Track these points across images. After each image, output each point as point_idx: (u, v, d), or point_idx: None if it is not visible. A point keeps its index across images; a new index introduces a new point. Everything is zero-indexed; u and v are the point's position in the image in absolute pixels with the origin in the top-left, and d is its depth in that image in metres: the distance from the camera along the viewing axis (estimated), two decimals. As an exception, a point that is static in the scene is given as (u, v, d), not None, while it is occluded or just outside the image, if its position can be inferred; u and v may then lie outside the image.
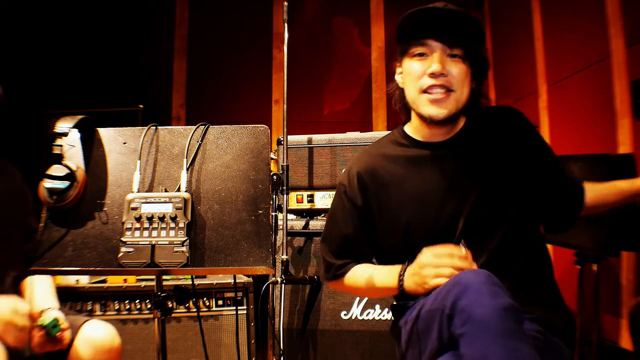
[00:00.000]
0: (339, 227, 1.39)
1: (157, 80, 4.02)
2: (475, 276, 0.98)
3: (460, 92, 1.23)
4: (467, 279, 0.97)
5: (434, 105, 1.23)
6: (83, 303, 2.07)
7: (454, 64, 1.21)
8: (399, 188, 1.31)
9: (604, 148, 2.44)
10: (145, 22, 4.02)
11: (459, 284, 0.97)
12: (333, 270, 1.40)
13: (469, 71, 1.23)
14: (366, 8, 4.17)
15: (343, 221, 1.38)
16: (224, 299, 2.15)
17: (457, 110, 1.24)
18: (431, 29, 1.22)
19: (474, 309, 0.91)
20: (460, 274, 1.02)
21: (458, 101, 1.23)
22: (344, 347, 1.89)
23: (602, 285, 2.15)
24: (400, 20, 1.24)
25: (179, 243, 1.19)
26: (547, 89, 3.08)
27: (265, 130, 1.35)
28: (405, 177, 1.32)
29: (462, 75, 1.22)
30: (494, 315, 0.90)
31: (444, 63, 1.20)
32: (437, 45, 1.21)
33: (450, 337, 0.97)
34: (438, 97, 1.22)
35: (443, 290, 1.02)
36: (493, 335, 0.88)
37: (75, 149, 1.32)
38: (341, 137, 2.05)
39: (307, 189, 2.05)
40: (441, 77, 1.20)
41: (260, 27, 4.11)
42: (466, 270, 1.05)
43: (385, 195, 1.33)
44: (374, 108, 4.10)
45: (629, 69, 2.33)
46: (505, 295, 0.94)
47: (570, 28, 2.82)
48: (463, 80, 1.22)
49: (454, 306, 0.95)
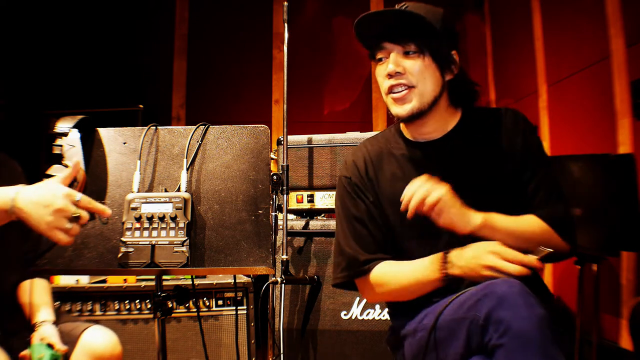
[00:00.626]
0: (352, 215, 1.34)
1: (157, 80, 4.02)
2: (510, 287, 0.98)
3: (422, 86, 1.24)
4: (502, 290, 0.98)
5: (397, 104, 1.26)
6: (83, 303, 2.07)
7: (410, 60, 1.24)
8: (390, 185, 1.32)
9: (604, 148, 2.44)
10: (145, 22, 4.02)
11: (493, 295, 0.98)
12: (357, 265, 1.30)
13: (430, 64, 1.24)
14: (366, 8, 4.17)
15: (354, 207, 1.34)
16: (224, 299, 2.15)
17: (423, 105, 1.25)
18: (381, 32, 1.26)
19: (512, 321, 0.93)
20: (492, 284, 1.01)
21: (422, 95, 1.24)
22: (344, 347, 1.89)
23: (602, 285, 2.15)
24: (354, 29, 1.27)
25: (179, 243, 1.19)
26: (547, 89, 3.08)
27: (265, 130, 1.35)
28: (395, 175, 1.33)
29: (421, 69, 1.23)
30: (532, 327, 0.92)
31: (399, 62, 1.24)
32: (392, 46, 1.25)
33: (480, 345, 0.98)
34: (399, 95, 1.25)
35: (470, 300, 1.02)
36: (533, 348, 0.91)
37: (75, 149, 1.32)
38: (341, 137, 2.05)
39: (307, 189, 2.05)
40: (398, 76, 1.24)
41: (260, 27, 4.11)
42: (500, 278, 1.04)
43: (378, 190, 1.34)
44: (374, 108, 4.10)
45: (629, 69, 2.33)
46: (539, 305, 0.95)
47: (570, 28, 2.82)
48: (422, 73, 1.23)
49: (488, 317, 0.96)
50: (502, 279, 1.03)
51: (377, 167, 1.36)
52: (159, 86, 4.02)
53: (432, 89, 1.25)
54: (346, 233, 1.34)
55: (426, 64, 1.24)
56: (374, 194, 1.34)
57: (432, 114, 1.29)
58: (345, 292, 1.90)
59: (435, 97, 1.26)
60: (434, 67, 1.25)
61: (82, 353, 1.43)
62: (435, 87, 1.26)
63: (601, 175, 2.04)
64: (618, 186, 1.98)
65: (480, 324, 0.97)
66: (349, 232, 1.34)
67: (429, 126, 1.31)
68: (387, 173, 1.34)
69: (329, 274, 1.93)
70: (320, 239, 1.97)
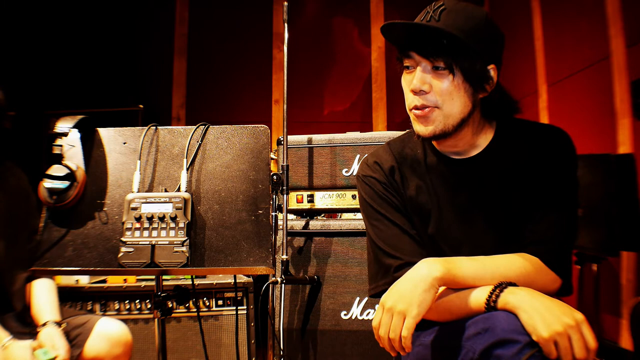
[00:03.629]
0: (385, 216, 1.23)
1: (157, 80, 4.02)
2: (509, 324, 0.93)
3: (449, 108, 1.11)
4: (501, 326, 0.93)
5: (419, 122, 1.15)
6: (83, 303, 2.07)
7: (438, 78, 1.11)
8: (415, 195, 1.23)
9: (604, 148, 2.44)
10: (145, 22, 4.02)
11: (493, 332, 0.93)
12: (399, 269, 1.16)
13: (461, 84, 1.10)
14: (366, 8, 4.17)
15: (386, 207, 1.24)
16: (224, 299, 2.15)
17: (448, 127, 1.13)
18: (409, 41, 1.13)
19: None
20: (495, 318, 0.96)
21: (448, 117, 1.12)
22: (344, 347, 1.89)
23: (602, 285, 2.15)
24: (381, 32, 1.15)
25: (179, 243, 1.19)
26: (547, 89, 3.08)
27: (265, 130, 1.35)
28: (420, 186, 1.23)
29: (448, 89, 1.10)
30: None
31: (425, 79, 1.11)
32: (420, 59, 1.11)
33: None
34: (421, 113, 1.13)
35: (470, 329, 0.98)
36: None
37: (75, 149, 1.32)
38: (341, 137, 2.05)
39: (307, 189, 2.05)
40: (422, 94, 1.12)
41: (260, 27, 4.12)
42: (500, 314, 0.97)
43: (404, 195, 1.25)
44: (374, 108, 4.10)
45: (629, 69, 2.33)
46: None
47: (570, 28, 2.82)
48: (450, 94, 1.10)
49: (484, 353, 0.92)
50: (505, 313, 0.97)
51: (403, 172, 1.26)
52: (159, 86, 4.02)
53: (459, 110, 1.12)
54: (382, 236, 1.22)
55: (455, 84, 1.10)
56: (400, 198, 1.25)
57: (461, 134, 1.17)
58: (345, 292, 1.91)
59: (462, 119, 1.13)
60: (465, 86, 1.11)
61: (99, 338, 1.56)
62: (464, 109, 1.13)
63: (601, 175, 2.04)
64: (618, 186, 1.98)
65: (475, 358, 0.94)
66: (386, 234, 1.22)
67: (459, 142, 1.20)
68: (413, 182, 1.25)
69: (329, 274, 1.93)
70: (320, 239, 1.97)
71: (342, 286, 1.92)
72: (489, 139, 1.21)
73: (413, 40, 1.12)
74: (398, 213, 1.23)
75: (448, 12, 1.09)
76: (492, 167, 1.19)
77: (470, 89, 1.12)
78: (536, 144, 1.17)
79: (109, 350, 1.56)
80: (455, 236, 1.21)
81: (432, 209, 1.22)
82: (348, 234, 1.94)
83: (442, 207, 1.21)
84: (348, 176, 2.01)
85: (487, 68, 1.13)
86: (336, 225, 1.96)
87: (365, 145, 2.01)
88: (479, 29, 1.09)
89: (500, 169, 1.18)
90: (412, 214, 1.24)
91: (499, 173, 1.18)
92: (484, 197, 1.19)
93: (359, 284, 1.90)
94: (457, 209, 1.20)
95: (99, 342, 1.55)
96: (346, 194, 2.02)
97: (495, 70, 1.14)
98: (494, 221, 1.18)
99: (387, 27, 1.10)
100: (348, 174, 2.01)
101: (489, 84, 1.14)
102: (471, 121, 1.17)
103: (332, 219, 2.13)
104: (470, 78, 1.11)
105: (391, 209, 1.24)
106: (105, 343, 1.56)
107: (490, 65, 1.13)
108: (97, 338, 1.56)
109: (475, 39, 1.08)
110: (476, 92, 1.13)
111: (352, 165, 2.01)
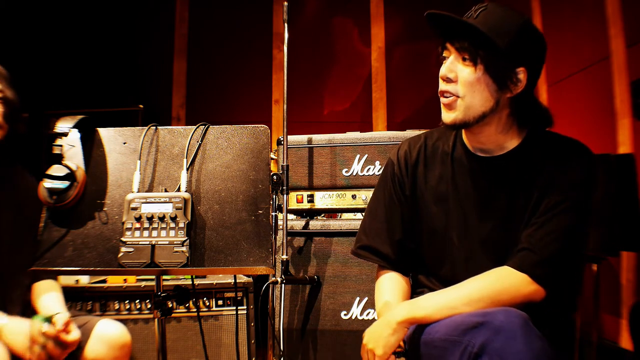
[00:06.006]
0: (380, 194, 1.41)
1: (157, 80, 4.02)
2: (507, 318, 0.96)
3: (470, 99, 1.17)
4: (499, 321, 0.96)
5: (445, 109, 1.22)
6: (83, 303, 2.07)
7: (463, 67, 1.17)
8: (436, 183, 1.32)
9: (604, 148, 2.44)
10: (145, 22, 4.02)
11: (490, 325, 0.96)
12: (373, 253, 1.40)
13: (484, 78, 1.15)
14: (366, 8, 4.17)
15: (388, 192, 1.40)
16: (224, 299, 2.15)
17: (469, 118, 1.18)
18: (445, 31, 1.20)
19: (509, 355, 0.92)
20: (492, 313, 1.00)
21: (469, 108, 1.17)
22: (344, 347, 1.89)
23: (602, 285, 2.15)
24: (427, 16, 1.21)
25: (179, 243, 1.19)
26: (547, 89, 3.08)
27: (265, 130, 1.35)
28: (443, 176, 1.32)
29: (471, 81, 1.16)
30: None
31: (452, 67, 1.18)
32: (452, 50, 1.19)
33: None
34: (446, 101, 1.20)
35: (466, 324, 1.01)
36: None
37: (75, 149, 1.32)
38: (341, 137, 2.05)
39: (307, 189, 2.05)
40: (448, 81, 1.19)
41: (260, 27, 4.11)
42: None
43: (423, 186, 1.34)
44: (374, 108, 4.10)
45: (629, 69, 2.33)
46: (538, 339, 0.94)
47: (570, 28, 2.82)
48: (472, 86, 1.16)
49: (483, 347, 0.95)
50: (503, 308, 1.02)
51: (428, 163, 1.35)
52: (159, 86, 4.02)
53: (481, 104, 1.17)
54: (370, 210, 1.43)
55: (478, 76, 1.15)
56: (411, 190, 1.35)
57: (485, 128, 1.22)
58: (345, 292, 1.91)
59: (484, 113, 1.18)
60: (487, 81, 1.16)
61: (98, 341, 1.54)
62: (486, 103, 1.17)
63: (601, 175, 2.04)
64: (618, 186, 1.98)
65: (474, 352, 0.96)
66: (372, 210, 1.42)
67: (483, 138, 1.25)
68: (437, 172, 1.33)
69: (329, 274, 1.93)
70: (320, 239, 1.97)
71: (342, 286, 1.92)
72: (516, 144, 1.25)
73: (449, 32, 1.20)
74: (391, 201, 1.37)
75: (487, 13, 1.15)
76: (512, 170, 1.23)
77: (493, 85, 1.16)
78: (556, 157, 1.21)
79: (107, 353, 1.54)
80: (465, 229, 1.26)
81: (450, 198, 1.29)
82: (348, 234, 1.94)
83: (459, 198, 1.28)
84: (348, 176, 2.01)
85: (515, 70, 1.16)
86: (336, 225, 1.96)
87: (365, 145, 2.01)
88: (510, 31, 1.14)
89: (519, 173, 1.22)
90: (429, 203, 1.32)
91: (517, 177, 1.22)
92: (499, 197, 1.23)
93: (359, 284, 1.90)
94: (473, 202, 1.26)
95: (98, 345, 1.54)
96: (346, 194, 2.02)
97: (525, 73, 1.17)
98: (503, 220, 1.21)
99: (429, 15, 1.18)
100: (348, 174, 2.01)
101: (514, 84, 1.17)
102: (496, 118, 1.21)
103: (332, 219, 2.13)
104: (492, 72, 1.15)
105: (388, 195, 1.38)
106: (104, 346, 1.54)
107: (520, 67, 1.16)
108: (96, 341, 1.54)
109: (504, 39, 1.12)
110: (500, 90, 1.17)
111: (352, 165, 2.01)
